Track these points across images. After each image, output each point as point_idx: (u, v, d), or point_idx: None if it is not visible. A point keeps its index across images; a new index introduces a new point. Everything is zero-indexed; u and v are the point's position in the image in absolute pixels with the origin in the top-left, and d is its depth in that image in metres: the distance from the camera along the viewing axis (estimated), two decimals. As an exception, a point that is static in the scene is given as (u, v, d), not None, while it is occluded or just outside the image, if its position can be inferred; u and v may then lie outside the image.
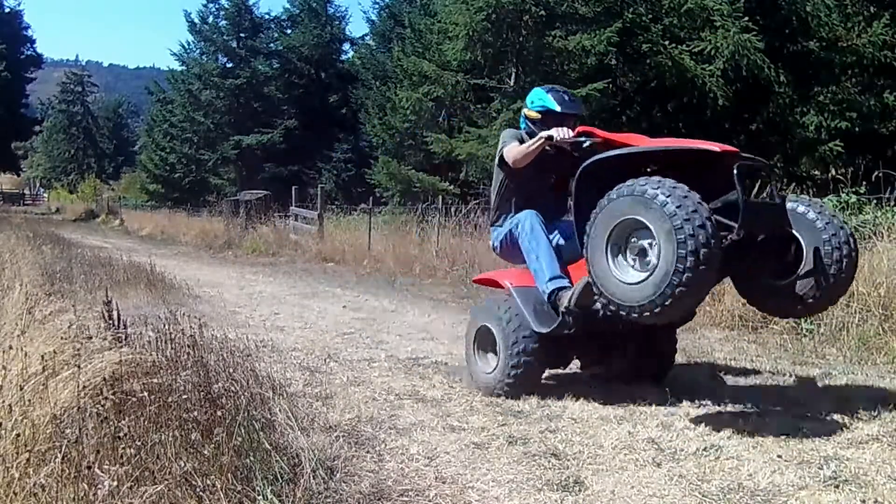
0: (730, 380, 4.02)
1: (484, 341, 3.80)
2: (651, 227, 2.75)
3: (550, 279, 3.45)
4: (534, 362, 3.58)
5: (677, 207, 2.65)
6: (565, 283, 3.43)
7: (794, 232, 3.14)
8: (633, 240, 2.90)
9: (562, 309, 3.37)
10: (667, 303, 2.70)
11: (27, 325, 3.52)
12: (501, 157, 3.70)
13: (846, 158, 9.89)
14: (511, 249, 3.75)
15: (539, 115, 3.68)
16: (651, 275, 2.74)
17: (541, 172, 3.67)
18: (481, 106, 12.27)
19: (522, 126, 3.83)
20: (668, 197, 2.69)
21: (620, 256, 2.94)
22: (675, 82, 9.80)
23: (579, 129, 3.41)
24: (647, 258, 2.82)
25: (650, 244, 2.79)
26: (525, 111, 3.80)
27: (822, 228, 3.09)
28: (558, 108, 3.64)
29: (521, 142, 3.64)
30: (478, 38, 10.78)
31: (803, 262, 3.12)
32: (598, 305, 3.15)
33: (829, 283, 3.07)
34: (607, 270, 2.93)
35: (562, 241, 3.63)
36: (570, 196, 3.44)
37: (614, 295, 2.88)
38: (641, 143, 3.23)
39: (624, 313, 2.87)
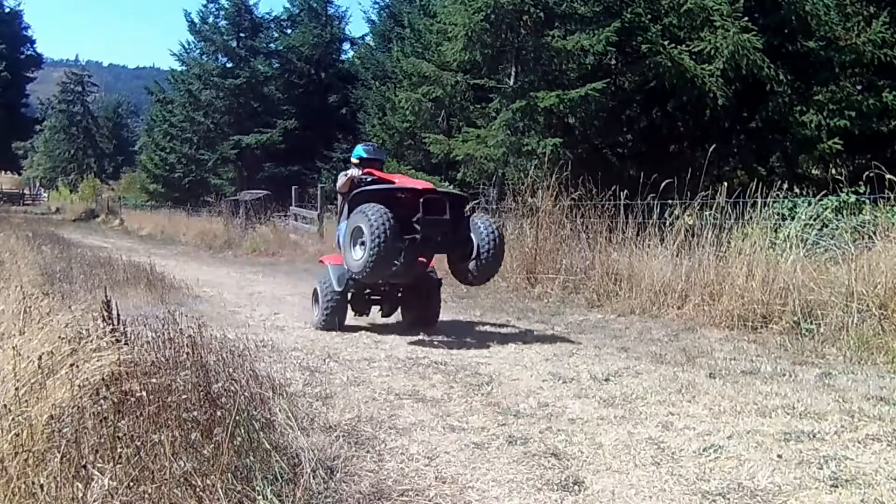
0: (729, 380, 4.02)
1: (315, 297, 5.94)
2: (364, 229, 4.82)
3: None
4: (337, 306, 5.70)
5: (375, 219, 4.76)
6: None
7: (471, 235, 5.26)
8: (360, 237, 4.93)
9: (346, 277, 5.54)
10: (367, 269, 4.85)
11: (25, 325, 3.51)
12: (336, 188, 5.88)
13: (845, 157, 9.90)
14: (339, 242, 5.64)
15: (358, 161, 5.87)
16: (364, 255, 4.86)
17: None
18: (480, 106, 12.26)
19: (350, 168, 5.90)
20: (371, 215, 4.79)
21: (357, 246, 4.99)
22: (675, 82, 9.79)
23: (365, 170, 5.70)
24: (364, 246, 4.87)
25: (364, 238, 4.85)
26: (351, 159, 5.99)
27: (482, 232, 5.21)
28: (366, 156, 5.88)
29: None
30: (477, 39, 10.77)
31: (474, 253, 5.22)
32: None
33: (483, 265, 5.23)
34: (350, 254, 5.07)
35: None
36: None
37: (352, 266, 5.07)
38: (396, 178, 5.68)
39: (357, 275, 5.08)
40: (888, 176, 5.68)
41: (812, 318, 5.28)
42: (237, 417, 2.52)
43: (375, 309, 6.04)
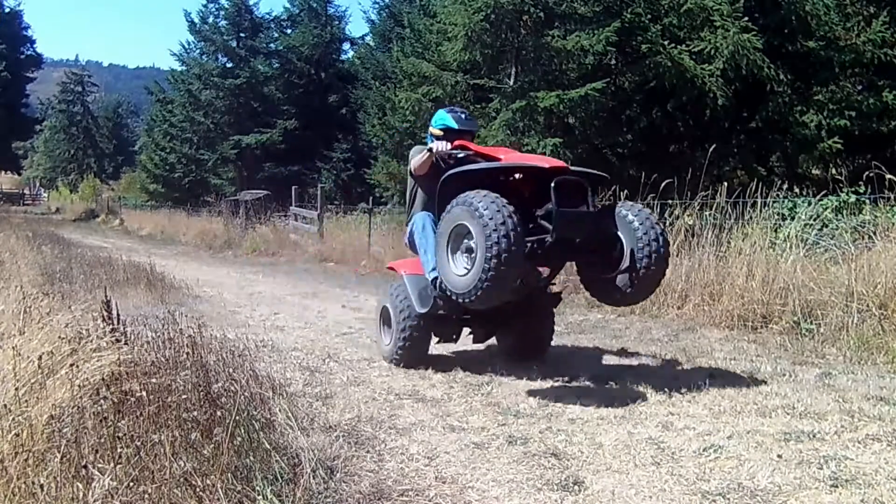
0: (730, 380, 4.02)
1: (384, 318, 4.55)
2: (474, 230, 3.35)
3: (432, 269, 3.97)
4: (419, 335, 4.27)
5: (490, 218, 3.26)
6: None
7: (619, 233, 3.72)
8: (464, 241, 3.53)
9: (433, 293, 4.05)
10: (478, 292, 3.33)
11: (25, 325, 3.51)
12: (410, 169, 4.34)
13: (845, 157, 9.89)
14: (412, 243, 4.30)
15: (441, 133, 4.31)
16: (474, 270, 3.36)
17: (437, 180, 4.00)
18: (480, 106, 12.25)
19: (429, 140, 4.40)
20: (485, 208, 3.29)
21: (458, 253, 3.58)
22: (675, 82, 9.78)
23: (456, 143, 4.08)
24: (472, 256, 3.42)
25: (474, 245, 3.39)
26: (431, 129, 4.44)
27: (637, 229, 3.65)
28: (456, 126, 4.29)
29: None
30: (476, 39, 10.76)
31: (624, 260, 3.68)
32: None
33: (641, 277, 3.64)
34: (446, 265, 3.61)
35: None
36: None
37: (453, 285, 3.53)
38: (502, 153, 3.94)
39: (458, 299, 3.51)
40: (888, 176, 5.68)
41: (812, 318, 5.28)
42: (237, 417, 2.52)
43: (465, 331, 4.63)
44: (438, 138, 4.26)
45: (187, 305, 6.54)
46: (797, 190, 6.96)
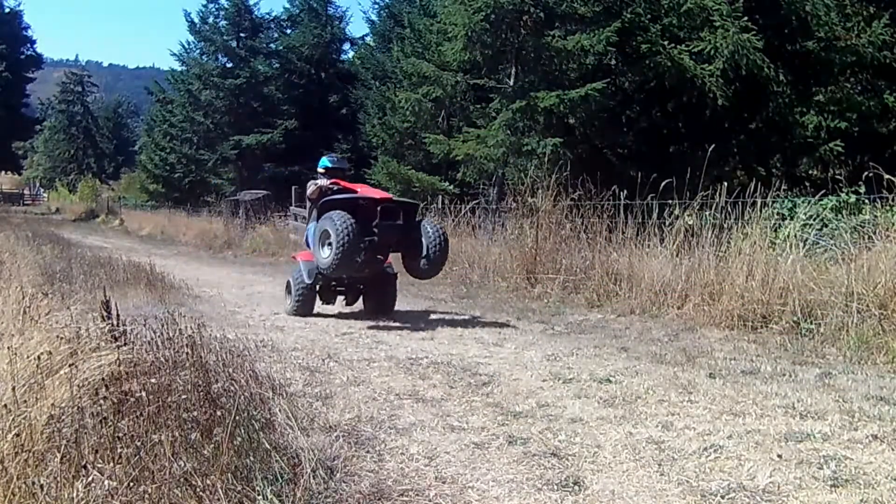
0: (730, 380, 4.02)
1: (287, 288, 6.78)
2: (331, 232, 5.64)
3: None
4: (307, 298, 6.57)
5: (340, 225, 5.59)
6: None
7: (421, 237, 6.05)
8: (326, 239, 5.73)
9: (316, 271, 6.28)
10: (334, 266, 5.67)
11: (25, 325, 3.51)
12: (307, 193, 6.64)
13: (845, 158, 9.89)
14: (307, 241, 6.59)
15: (324, 170, 6.71)
16: (330, 254, 5.67)
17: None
18: (480, 106, 12.26)
19: (318, 177, 6.70)
20: (337, 220, 5.63)
21: (324, 246, 5.77)
22: (675, 82, 9.79)
23: (332, 180, 6.51)
24: (331, 247, 5.67)
25: (331, 240, 5.66)
26: (318, 169, 6.78)
27: (430, 235, 6.03)
28: (331, 165, 6.75)
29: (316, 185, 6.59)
30: (477, 39, 10.77)
31: (424, 252, 6.03)
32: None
33: (430, 262, 6.06)
34: (318, 252, 5.87)
35: None
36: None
37: (321, 263, 5.87)
38: (359, 188, 6.48)
39: (325, 271, 5.90)
40: (887, 176, 5.68)
41: (812, 318, 5.27)
42: (237, 417, 2.52)
43: (340, 299, 6.85)
44: (322, 174, 6.68)
45: (187, 305, 6.54)
46: (797, 190, 6.96)
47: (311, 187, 6.57)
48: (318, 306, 6.69)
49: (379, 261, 6.33)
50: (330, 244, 5.68)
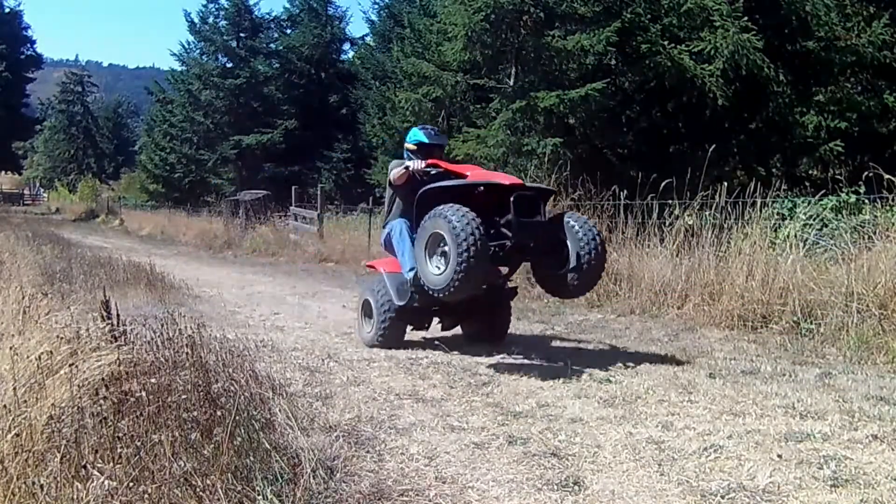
0: (729, 380, 4.02)
1: (364, 309, 5.18)
2: (447, 237, 4.00)
3: (409, 270, 4.64)
4: (397, 323, 4.94)
5: (461, 226, 3.90)
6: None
7: (565, 238, 4.38)
8: (438, 245, 4.15)
9: (409, 289, 4.68)
10: (454, 286, 3.98)
11: (25, 325, 3.51)
12: (389, 180, 4.92)
13: (845, 158, 9.88)
14: (388, 245, 5.00)
15: (415, 147, 4.94)
16: (446, 269, 4.04)
17: (413, 192, 4.65)
18: (480, 106, 12.25)
19: (406, 156, 5.02)
20: (455, 219, 3.94)
21: (435, 258, 4.20)
22: (675, 82, 9.78)
23: (429, 161, 4.70)
24: (446, 259, 4.06)
25: (447, 249, 4.03)
26: (406, 145, 5.07)
27: (580, 235, 4.32)
28: (427, 141, 4.92)
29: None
30: (477, 39, 10.76)
31: (572, 260, 4.34)
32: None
33: (583, 275, 4.34)
34: (425, 266, 4.25)
35: None
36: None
37: (429, 282, 4.20)
38: (469, 170, 4.59)
39: (434, 293, 4.16)
40: (887, 176, 5.68)
41: (812, 318, 5.27)
42: (237, 417, 2.52)
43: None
44: (412, 152, 4.93)
45: (187, 305, 6.54)
46: (797, 190, 6.96)
47: (396, 171, 4.80)
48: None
49: (499, 273, 4.79)
50: (444, 254, 4.09)
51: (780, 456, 2.76)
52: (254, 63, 25.08)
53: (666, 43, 9.79)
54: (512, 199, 4.22)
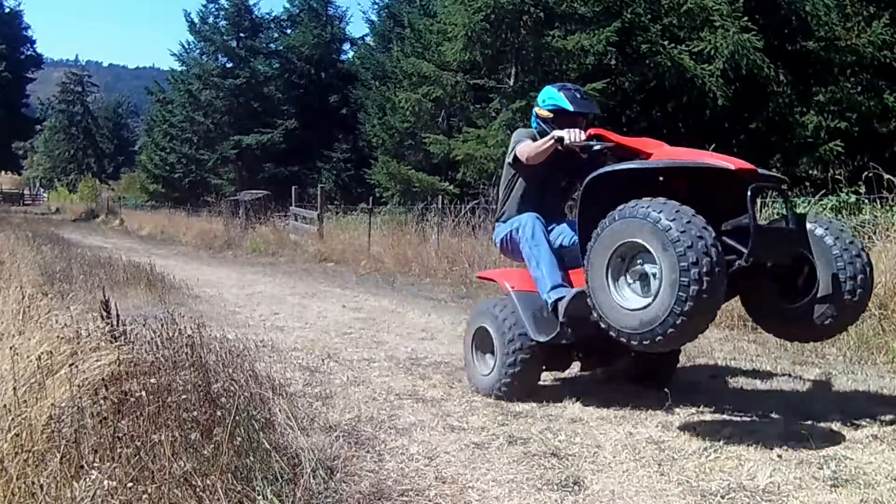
0: (730, 380, 4.02)
1: (482, 342, 3.75)
2: (654, 252, 2.62)
3: (552, 288, 3.38)
4: (531, 366, 3.53)
5: (681, 233, 2.53)
6: (566, 292, 3.33)
7: (808, 254, 3.01)
8: (634, 264, 2.79)
9: (561, 319, 3.32)
10: (668, 332, 2.59)
11: (25, 325, 3.51)
12: (515, 156, 3.62)
13: (844, 158, 9.90)
14: (512, 249, 3.70)
15: (551, 114, 3.58)
16: (653, 302, 2.63)
17: (551, 173, 3.59)
18: (480, 106, 12.26)
19: (534, 125, 3.76)
20: (671, 221, 2.56)
21: (621, 279, 2.82)
22: (675, 82, 9.80)
23: (591, 131, 3.29)
24: (650, 284, 2.70)
25: (652, 269, 2.68)
26: (536, 110, 3.72)
27: (838, 254, 2.97)
28: (571, 107, 3.52)
29: (535, 140, 3.54)
30: (477, 39, 10.78)
31: (817, 285, 2.99)
32: (594, 317, 2.94)
33: (842, 307, 2.97)
34: (606, 293, 2.81)
35: (565, 243, 3.55)
36: (574, 203, 3.41)
37: (613, 319, 2.78)
38: (652, 148, 3.10)
39: (623, 339, 2.76)
40: (887, 176, 5.68)
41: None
42: (237, 417, 2.52)
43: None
44: (545, 120, 3.61)
45: (187, 305, 6.54)
46: (797, 190, 6.96)
47: (530, 146, 3.49)
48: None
49: None
50: (643, 277, 2.76)
51: (780, 456, 2.76)
52: (254, 63, 25.09)
53: (666, 43, 9.80)
54: (749, 192, 2.77)
